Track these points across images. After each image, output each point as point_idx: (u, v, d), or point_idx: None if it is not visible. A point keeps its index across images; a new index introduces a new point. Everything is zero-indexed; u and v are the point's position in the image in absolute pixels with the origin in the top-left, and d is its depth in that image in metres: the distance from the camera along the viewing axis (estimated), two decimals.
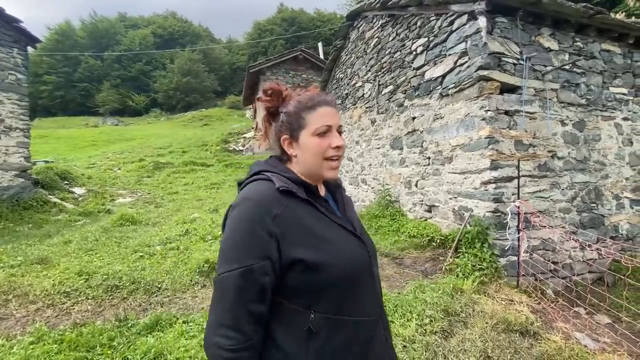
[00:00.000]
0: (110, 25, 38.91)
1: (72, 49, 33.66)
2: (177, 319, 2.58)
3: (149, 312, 2.71)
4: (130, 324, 2.47)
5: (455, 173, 3.83)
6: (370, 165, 6.14)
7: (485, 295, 2.91)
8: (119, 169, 11.19)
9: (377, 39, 5.80)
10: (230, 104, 29.79)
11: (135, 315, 2.66)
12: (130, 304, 2.92)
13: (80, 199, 7.59)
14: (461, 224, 3.60)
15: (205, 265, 3.50)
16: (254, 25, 39.00)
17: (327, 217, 0.85)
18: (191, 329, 2.43)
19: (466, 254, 3.32)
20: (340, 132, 0.89)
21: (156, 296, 3.06)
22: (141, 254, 4.08)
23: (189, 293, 3.15)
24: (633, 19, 7.33)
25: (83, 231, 5.21)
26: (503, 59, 3.44)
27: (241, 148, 14.64)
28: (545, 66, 3.62)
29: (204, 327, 2.43)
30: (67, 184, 8.17)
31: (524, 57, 3.49)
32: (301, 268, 0.75)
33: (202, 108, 30.80)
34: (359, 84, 6.55)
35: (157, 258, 3.95)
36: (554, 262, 3.43)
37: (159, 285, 3.23)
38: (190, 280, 3.34)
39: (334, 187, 1.00)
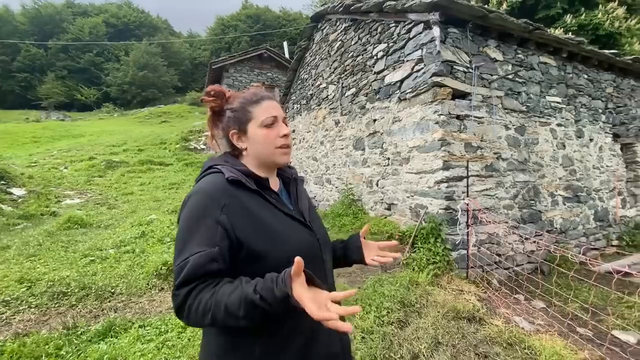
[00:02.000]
0: (55, 12, 35.58)
1: (10, 35, 30.35)
2: (133, 323, 2.48)
3: (102, 318, 2.57)
4: (80, 332, 2.33)
5: (412, 173, 4.05)
6: (334, 165, 6.26)
7: (438, 287, 3.11)
8: (65, 168, 10.31)
9: (340, 42, 5.94)
10: (191, 100, 28.59)
11: (86, 322, 2.51)
12: (80, 310, 2.74)
13: (19, 200, 6.90)
14: (417, 221, 3.82)
15: (163, 267, 3.37)
16: (216, 20, 37.78)
17: (275, 207, 0.88)
18: (148, 333, 2.34)
19: (421, 249, 3.53)
20: (285, 124, 0.95)
21: (109, 301, 2.91)
22: (92, 258, 3.83)
23: (145, 297, 3.02)
24: (569, 34, 8.20)
25: (24, 235, 4.76)
26: (455, 67, 3.71)
27: (203, 146, 14.15)
28: (492, 75, 3.95)
29: (162, 330, 2.37)
30: (4, 184, 7.39)
31: (473, 66, 3.78)
32: (248, 256, 0.79)
33: (161, 104, 29.24)
34: (323, 85, 6.65)
35: (110, 262, 3.73)
36: (498, 255, 3.75)
37: (113, 290, 3.06)
38: (147, 284, 3.20)
39: (289, 180, 1.04)
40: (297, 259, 0.66)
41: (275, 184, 0.98)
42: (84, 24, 34.06)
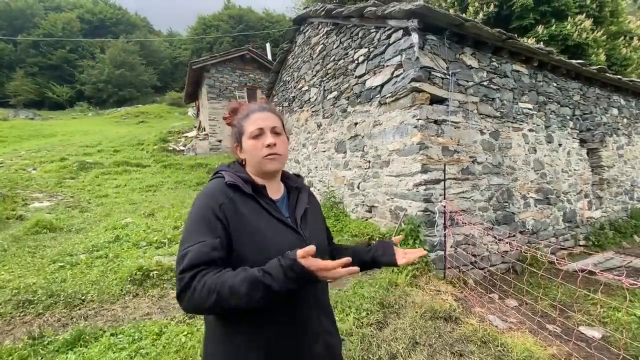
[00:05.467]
0: (26, 6, 33.91)
1: None
2: (104, 332, 2.38)
3: (70, 327, 2.46)
4: (46, 342, 2.22)
5: (392, 176, 4.12)
6: (316, 167, 6.27)
7: (416, 287, 3.17)
8: (34, 169, 9.81)
9: (322, 45, 5.97)
10: (170, 100, 27.97)
11: (54, 331, 2.39)
12: (47, 319, 2.61)
13: None
14: (397, 223, 3.88)
15: (138, 273, 3.27)
16: (198, 19, 37.17)
17: (268, 212, 0.95)
18: (120, 341, 2.26)
19: None
20: (277, 133, 1.02)
21: (79, 309, 2.78)
22: (61, 264, 3.65)
23: (118, 304, 2.92)
24: (541, 44, 8.58)
25: None
26: (433, 72, 3.80)
27: (182, 148, 13.84)
28: (468, 81, 4.08)
29: (136, 338, 2.29)
30: None
31: (450, 72, 3.89)
32: (235, 255, 0.87)
33: (139, 104, 28.43)
34: (305, 87, 6.66)
35: (81, 268, 3.58)
36: (474, 255, 3.87)
37: (83, 298, 2.93)
38: (121, 290, 3.09)
39: (291, 189, 1.10)
40: (309, 247, 0.75)
41: (277, 191, 1.06)
42: (56, 19, 32.61)
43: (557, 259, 2.48)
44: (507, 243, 3.93)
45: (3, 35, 29.07)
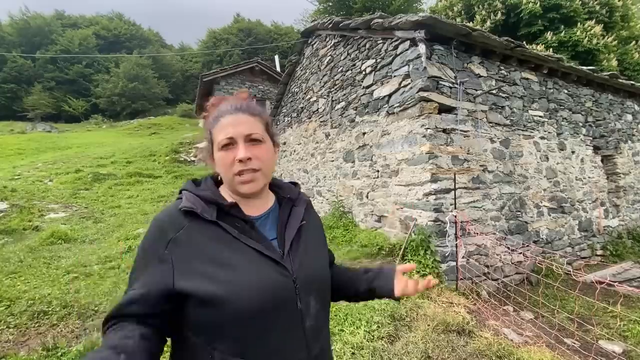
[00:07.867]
0: (44, 23, 35.37)
1: None
2: None
3: (83, 338, 2.49)
4: (60, 353, 2.25)
5: (401, 185, 4.10)
6: (325, 177, 6.29)
7: (428, 299, 3.12)
8: (50, 180, 10.08)
9: (330, 57, 6.05)
10: (182, 112, 28.53)
11: (67, 342, 2.43)
12: (61, 330, 2.65)
13: (1, 215, 6.70)
14: (407, 233, 3.84)
15: None
16: (208, 33, 38.11)
17: (238, 240, 0.74)
18: None
19: (411, 261, 3.54)
20: (255, 140, 0.78)
21: (92, 320, 2.82)
22: (75, 275, 3.73)
23: None
24: (549, 51, 8.51)
25: (4, 252, 4.60)
26: (441, 82, 3.81)
27: (193, 159, 14.05)
28: (476, 90, 4.07)
29: None
30: None
31: (458, 81, 3.89)
32: (195, 301, 0.68)
33: (151, 116, 29.09)
34: (314, 98, 6.73)
35: (95, 279, 3.64)
36: (487, 266, 3.79)
37: (96, 309, 2.97)
38: None
39: (283, 200, 0.88)
40: None
41: (261, 205, 0.85)
42: (73, 35, 33.90)
43: (573, 270, 2.42)
44: (520, 253, 3.86)
45: (22, 51, 30.32)
